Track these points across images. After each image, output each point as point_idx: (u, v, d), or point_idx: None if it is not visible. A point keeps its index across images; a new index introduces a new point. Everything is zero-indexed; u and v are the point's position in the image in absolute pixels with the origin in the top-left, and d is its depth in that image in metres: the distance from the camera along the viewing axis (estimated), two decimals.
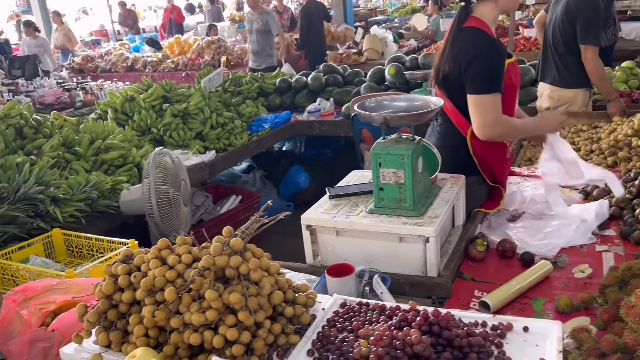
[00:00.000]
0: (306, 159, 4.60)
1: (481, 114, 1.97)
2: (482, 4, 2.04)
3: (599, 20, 3.27)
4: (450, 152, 2.12)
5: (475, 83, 1.98)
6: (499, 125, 2.00)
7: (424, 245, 1.69)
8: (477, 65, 1.97)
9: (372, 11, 14.20)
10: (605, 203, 2.04)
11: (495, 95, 1.98)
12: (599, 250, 1.84)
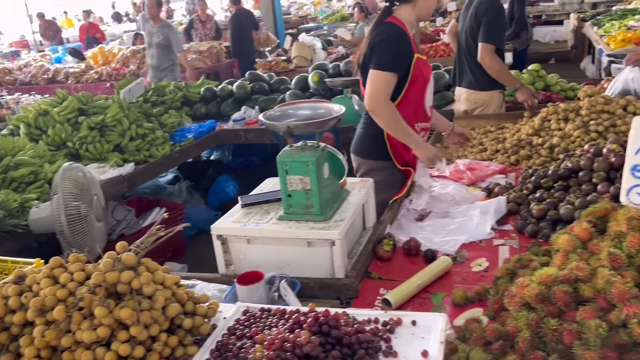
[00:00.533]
0: (234, 168, 4.59)
1: (373, 86, 2.29)
2: (402, 7, 2.39)
3: (500, 22, 3.48)
4: (372, 139, 2.50)
5: (377, 60, 2.30)
6: (384, 104, 2.30)
7: (331, 248, 1.74)
8: (382, 46, 2.31)
9: (303, 19, 14.34)
10: (503, 199, 2.18)
11: (390, 74, 2.29)
12: (497, 244, 1.96)
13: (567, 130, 2.69)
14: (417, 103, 2.46)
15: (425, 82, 2.46)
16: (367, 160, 2.62)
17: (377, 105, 2.31)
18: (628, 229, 1.30)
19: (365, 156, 2.62)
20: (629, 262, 1.25)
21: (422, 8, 2.43)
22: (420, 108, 2.51)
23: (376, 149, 2.53)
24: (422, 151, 2.41)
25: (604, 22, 7.44)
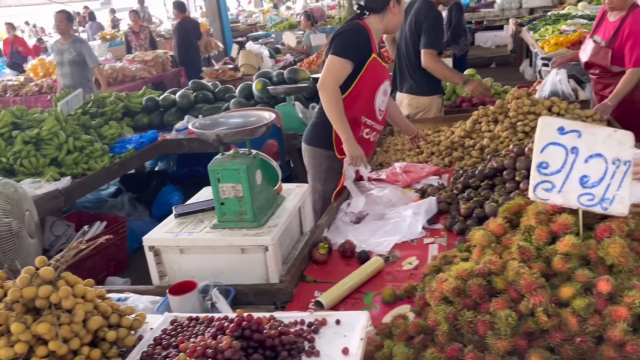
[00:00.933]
0: (179, 178, 4.54)
1: (328, 68, 2.50)
2: (372, 16, 2.62)
3: (439, 27, 3.60)
4: (321, 128, 2.70)
5: (335, 47, 2.50)
6: (333, 86, 2.48)
7: (264, 254, 1.76)
8: (343, 35, 2.53)
9: (252, 27, 14.32)
10: (433, 200, 2.25)
11: (345, 61, 2.48)
12: (427, 242, 2.03)
13: (497, 132, 2.81)
14: (368, 100, 2.62)
15: (379, 82, 2.64)
16: (314, 147, 2.78)
17: (326, 85, 2.48)
18: (537, 222, 1.38)
19: (313, 143, 2.79)
20: (537, 254, 1.33)
21: (389, 21, 2.64)
22: (371, 106, 2.65)
23: (323, 138, 2.70)
24: (350, 146, 2.55)
25: (539, 27, 7.79)
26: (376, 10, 2.61)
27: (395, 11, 2.62)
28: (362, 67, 2.55)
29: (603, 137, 1.37)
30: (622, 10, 3.27)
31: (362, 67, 2.55)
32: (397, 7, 2.62)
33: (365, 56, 2.55)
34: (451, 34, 6.33)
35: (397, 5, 2.62)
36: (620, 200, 1.34)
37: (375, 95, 2.65)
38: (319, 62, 7.03)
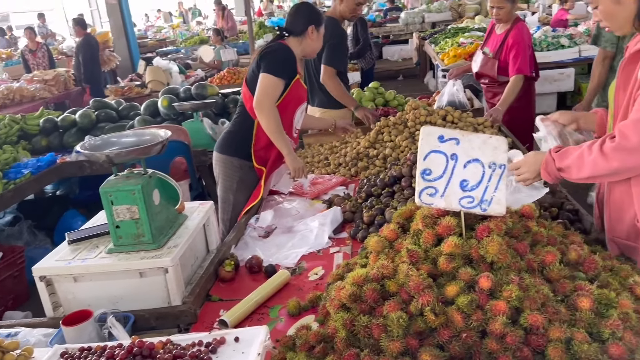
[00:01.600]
0: (82, 202, 4.30)
1: (263, 87, 2.52)
2: (291, 38, 2.68)
3: (342, 47, 3.70)
4: (238, 137, 2.72)
5: (267, 65, 2.53)
6: (271, 104, 2.52)
7: (165, 276, 1.71)
8: (272, 54, 2.58)
9: (161, 42, 13.97)
10: (338, 209, 2.31)
11: (278, 80, 2.52)
12: (332, 252, 2.07)
13: (397, 142, 2.93)
14: (288, 118, 2.69)
15: (299, 102, 2.72)
16: (227, 156, 2.77)
17: (264, 104, 2.51)
18: (423, 226, 1.46)
19: (227, 152, 2.78)
20: (425, 256, 1.40)
21: (307, 45, 2.71)
22: (290, 124, 2.72)
23: (238, 147, 2.72)
24: (292, 160, 2.62)
25: (440, 40, 8.23)
26: (295, 34, 2.67)
27: (314, 37, 2.69)
28: (287, 87, 2.60)
29: (479, 143, 1.47)
30: (507, 23, 3.54)
31: (287, 86, 2.60)
32: (315, 34, 2.69)
33: (291, 76, 2.61)
34: (358, 49, 6.54)
35: (316, 32, 2.69)
36: (497, 201, 1.45)
37: (294, 114, 2.72)
38: (229, 78, 6.99)
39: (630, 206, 1.56)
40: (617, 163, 1.45)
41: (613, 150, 1.46)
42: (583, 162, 1.52)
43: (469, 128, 2.96)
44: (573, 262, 1.41)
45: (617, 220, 1.64)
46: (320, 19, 2.72)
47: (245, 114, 2.71)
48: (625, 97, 1.50)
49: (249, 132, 2.68)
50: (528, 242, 1.43)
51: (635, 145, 1.41)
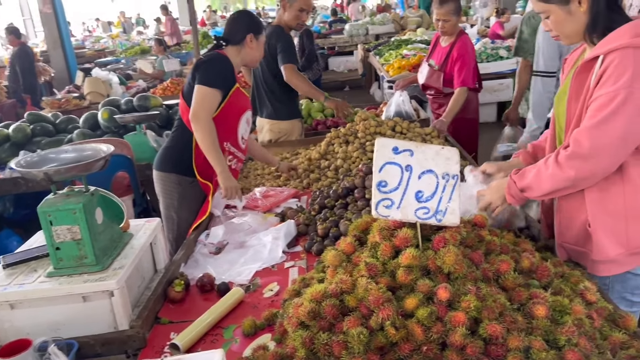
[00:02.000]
0: (18, 221, 4.03)
1: (198, 99, 2.44)
2: (230, 47, 2.63)
3: (292, 46, 3.68)
4: (177, 153, 2.64)
5: (202, 76, 2.47)
6: (207, 117, 2.44)
7: (110, 300, 1.62)
8: (208, 65, 2.50)
9: (100, 52, 13.50)
10: (292, 223, 2.27)
11: (214, 90, 2.46)
12: (287, 267, 2.02)
13: (349, 152, 2.93)
14: (231, 128, 2.61)
15: (242, 111, 2.64)
16: (166, 173, 2.68)
17: (199, 117, 2.43)
18: (381, 238, 1.44)
19: (165, 169, 2.68)
20: (383, 269, 1.38)
21: (247, 54, 2.66)
22: (234, 134, 2.64)
23: (176, 163, 2.64)
24: (225, 179, 2.51)
25: (384, 52, 8.39)
26: (233, 42, 2.62)
27: (253, 46, 2.65)
28: (226, 96, 2.54)
29: (432, 154, 1.48)
30: (452, 36, 3.64)
31: (226, 96, 2.54)
32: (254, 42, 2.64)
33: (229, 85, 2.55)
34: (304, 60, 6.55)
35: (255, 40, 2.64)
36: (451, 211, 1.45)
37: (238, 123, 2.65)
38: (173, 89, 6.83)
39: (581, 211, 1.61)
40: (573, 171, 1.49)
41: (567, 158, 1.50)
42: (541, 178, 1.56)
43: (417, 138, 3.00)
44: (526, 270, 1.44)
45: (567, 226, 1.68)
46: (259, 27, 2.68)
47: (183, 128, 2.63)
48: (578, 105, 1.54)
49: (188, 146, 2.59)
50: (482, 251, 1.45)
51: (589, 151, 1.45)
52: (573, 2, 1.51)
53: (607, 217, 1.56)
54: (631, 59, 1.40)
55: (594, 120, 1.44)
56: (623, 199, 1.54)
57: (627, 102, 1.39)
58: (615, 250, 1.57)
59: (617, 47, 1.43)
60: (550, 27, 1.61)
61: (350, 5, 17.82)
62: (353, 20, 14.07)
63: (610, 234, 1.57)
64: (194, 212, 2.56)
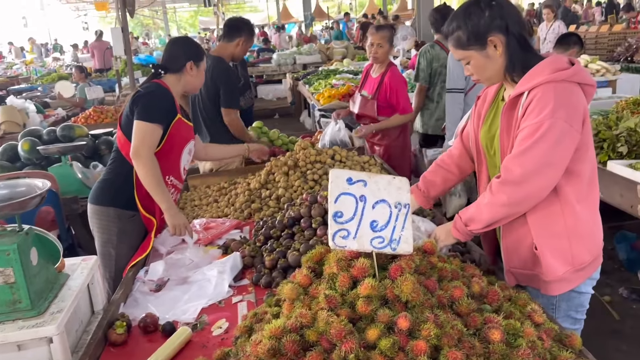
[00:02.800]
0: None
1: (139, 137, 2.37)
2: (169, 75, 2.57)
3: (233, 84, 3.68)
4: (116, 186, 2.52)
5: (142, 111, 2.39)
6: (149, 154, 2.37)
7: (49, 347, 1.50)
8: (145, 98, 2.44)
9: (13, 79, 12.73)
10: (238, 255, 2.21)
11: (155, 126, 2.39)
12: (235, 301, 1.97)
13: (290, 181, 2.93)
14: (174, 160, 2.55)
15: (184, 142, 2.59)
16: (104, 207, 2.55)
17: (140, 154, 2.36)
18: (338, 269, 1.44)
19: (103, 203, 2.56)
20: (342, 301, 1.38)
21: (187, 82, 2.61)
22: (177, 166, 2.58)
23: (117, 196, 2.53)
24: (172, 216, 2.44)
25: (313, 81, 8.54)
26: (173, 70, 2.57)
27: (193, 73, 2.60)
28: (168, 128, 2.47)
29: (384, 184, 1.51)
30: (382, 66, 3.80)
31: (167, 128, 2.47)
32: (195, 70, 2.60)
33: (170, 118, 2.48)
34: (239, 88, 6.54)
35: (196, 67, 2.60)
36: (405, 239, 1.49)
37: (181, 155, 2.60)
38: (96, 117, 6.54)
39: (526, 236, 1.70)
40: (505, 196, 1.59)
41: (499, 185, 1.60)
42: (481, 209, 1.65)
43: (357, 166, 3.06)
44: (477, 295, 1.49)
45: (514, 251, 1.77)
46: (199, 53, 2.64)
47: (122, 160, 2.53)
48: (509, 139, 1.65)
49: (128, 179, 2.49)
50: (435, 278, 1.49)
51: (519, 177, 1.56)
52: (489, 47, 1.63)
53: (551, 237, 1.67)
54: (552, 92, 1.54)
55: (522, 147, 1.56)
56: (563, 219, 1.65)
57: (550, 130, 1.52)
58: (563, 269, 1.68)
59: (539, 83, 1.56)
60: (472, 71, 1.71)
61: (277, 35, 18.09)
62: (279, 50, 14.26)
63: (556, 253, 1.67)
64: (133, 248, 2.45)
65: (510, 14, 1.62)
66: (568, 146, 1.56)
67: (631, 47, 7.43)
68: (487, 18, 1.61)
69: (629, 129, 2.84)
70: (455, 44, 1.68)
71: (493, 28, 1.61)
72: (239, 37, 3.64)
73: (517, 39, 1.63)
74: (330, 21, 24.70)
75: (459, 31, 1.65)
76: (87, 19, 23.05)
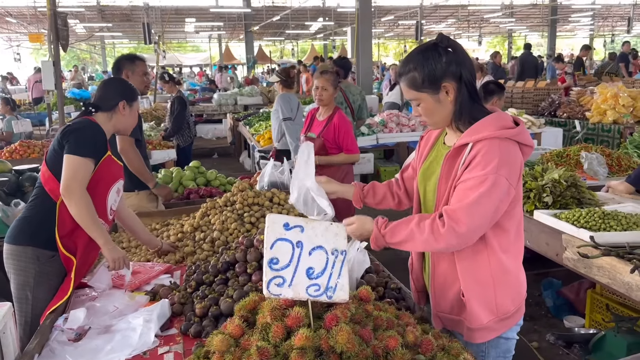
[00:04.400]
0: None
1: (70, 171, 2.28)
2: (100, 114, 2.50)
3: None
4: (37, 225, 2.37)
5: (74, 145, 2.31)
6: (80, 190, 2.27)
7: None
8: (78, 133, 2.35)
9: None
10: (166, 302, 2.10)
11: (87, 160, 2.31)
12: (161, 352, 1.85)
13: (226, 224, 2.86)
14: (100, 199, 2.44)
15: (113, 181, 2.52)
16: (21, 247, 2.37)
17: (72, 189, 2.27)
18: (272, 319, 1.39)
19: (21, 242, 2.38)
20: (275, 352, 1.32)
21: (119, 122, 2.54)
22: (103, 205, 2.47)
23: (36, 234, 2.38)
24: (110, 250, 2.37)
25: (254, 122, 8.56)
26: (104, 109, 2.51)
27: (126, 112, 2.55)
28: (96, 165, 2.38)
29: (322, 230, 1.49)
30: (329, 110, 3.93)
31: (96, 164, 2.38)
32: (127, 109, 2.55)
33: (101, 154, 2.40)
34: (173, 125, 6.44)
35: (129, 107, 2.55)
36: (341, 287, 1.46)
37: (107, 194, 2.49)
38: (22, 152, 6.19)
39: (455, 281, 1.72)
40: (444, 244, 1.60)
41: (445, 233, 1.58)
42: (414, 240, 1.64)
43: (295, 210, 3.03)
44: (411, 344, 1.47)
45: (441, 296, 1.78)
46: (133, 94, 2.61)
47: (44, 196, 2.40)
48: (447, 186, 1.68)
49: (49, 216, 2.35)
50: (370, 327, 1.46)
51: (466, 230, 1.57)
52: (442, 92, 1.68)
53: (478, 285, 1.69)
54: (497, 148, 1.58)
55: (468, 200, 1.57)
56: (489, 267, 1.68)
57: (495, 186, 1.55)
58: (487, 317, 1.69)
59: (484, 137, 1.61)
60: (420, 113, 1.75)
61: (219, 75, 18.13)
62: (220, 90, 14.26)
63: (482, 301, 1.69)
64: (53, 290, 2.28)
65: (465, 62, 1.66)
66: (505, 203, 1.61)
67: (554, 103, 7.98)
68: (444, 64, 1.63)
69: (554, 180, 2.99)
70: (409, 84, 1.69)
71: (448, 74, 1.64)
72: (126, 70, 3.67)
73: (468, 89, 1.66)
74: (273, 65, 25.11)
75: (415, 72, 1.66)
76: (19, 50, 22.18)
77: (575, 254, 2.54)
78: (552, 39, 26.73)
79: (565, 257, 2.66)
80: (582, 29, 36.02)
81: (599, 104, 7.06)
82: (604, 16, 29.87)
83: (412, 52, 1.73)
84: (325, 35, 29.26)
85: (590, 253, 2.44)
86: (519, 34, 37.29)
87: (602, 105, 7.00)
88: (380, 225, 1.71)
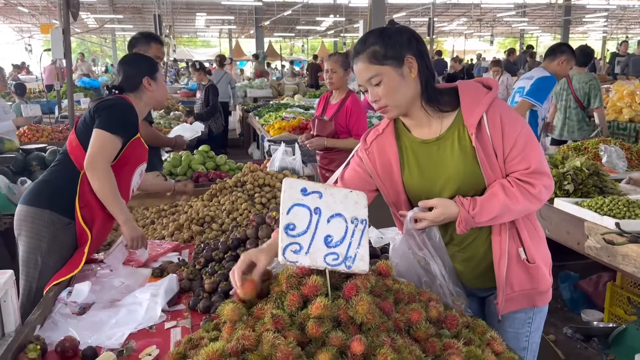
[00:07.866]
0: None
1: (97, 145, 2.22)
2: (130, 93, 2.42)
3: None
4: (52, 188, 2.30)
5: (104, 120, 2.25)
6: (105, 165, 2.22)
7: None
8: (111, 109, 2.29)
9: None
10: (174, 277, 2.02)
11: (115, 137, 2.25)
12: (168, 327, 1.77)
13: (236, 204, 2.78)
14: (125, 180, 2.38)
15: (138, 163, 2.44)
16: (38, 209, 2.28)
17: (97, 164, 2.22)
18: (287, 287, 1.31)
19: (39, 204, 2.28)
20: (290, 322, 1.24)
21: (150, 97, 2.47)
22: (127, 186, 2.41)
23: (56, 199, 2.29)
24: (130, 228, 2.31)
25: (264, 113, 8.49)
26: (130, 90, 2.43)
27: (152, 87, 2.46)
28: (125, 145, 2.31)
29: (341, 197, 1.41)
30: (341, 93, 3.81)
31: (125, 144, 2.31)
32: (153, 84, 2.46)
33: (131, 134, 2.33)
34: (208, 113, 6.81)
35: (154, 82, 2.46)
36: (361, 257, 1.38)
37: (132, 174, 2.42)
38: (31, 135, 6.16)
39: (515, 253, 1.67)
40: (538, 204, 1.61)
41: (538, 193, 1.57)
42: (510, 212, 1.57)
43: None
44: (434, 320, 1.39)
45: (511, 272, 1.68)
46: (153, 66, 2.49)
47: (68, 163, 2.32)
48: (491, 161, 1.58)
49: (71, 184, 2.27)
50: (391, 300, 1.38)
51: (550, 182, 1.62)
52: (405, 66, 1.54)
53: (539, 246, 1.72)
54: (505, 105, 1.62)
55: (534, 155, 1.57)
56: (537, 226, 1.73)
57: (530, 132, 1.60)
58: (550, 276, 1.73)
59: (489, 102, 1.57)
60: (380, 94, 1.56)
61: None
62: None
63: (542, 262, 1.70)
64: (63, 259, 2.21)
65: (422, 42, 1.58)
66: None
67: None
68: (404, 39, 1.55)
69: (575, 167, 2.89)
70: (370, 58, 1.54)
71: (411, 48, 1.54)
72: None
73: (428, 70, 1.57)
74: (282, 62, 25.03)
75: (376, 46, 1.53)
76: (30, 41, 22.17)
77: (599, 242, 2.45)
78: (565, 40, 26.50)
79: (587, 246, 2.56)
80: (595, 31, 35.64)
81: (614, 101, 6.93)
82: (619, 18, 29.56)
83: (366, 33, 1.60)
84: (336, 32, 29.14)
85: (615, 240, 2.34)
86: (531, 35, 36.97)
87: (618, 103, 6.86)
88: (467, 206, 1.56)
